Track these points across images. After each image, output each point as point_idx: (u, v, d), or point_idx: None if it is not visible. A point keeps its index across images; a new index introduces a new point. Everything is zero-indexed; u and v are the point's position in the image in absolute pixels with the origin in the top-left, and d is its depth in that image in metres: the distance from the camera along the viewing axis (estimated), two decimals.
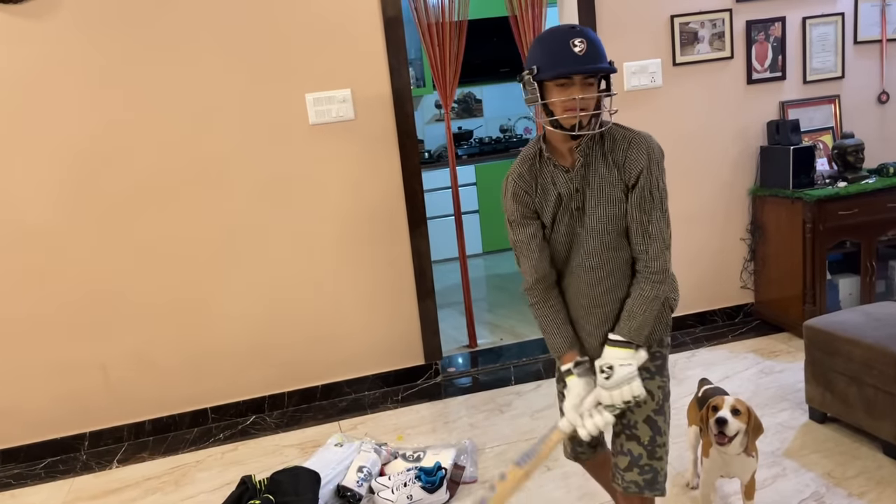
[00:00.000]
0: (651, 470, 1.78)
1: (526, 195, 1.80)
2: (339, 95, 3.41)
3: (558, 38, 1.66)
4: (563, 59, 1.64)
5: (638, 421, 1.79)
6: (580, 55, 1.64)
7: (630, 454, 1.79)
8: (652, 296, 1.73)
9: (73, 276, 3.28)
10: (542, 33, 1.73)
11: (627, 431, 1.80)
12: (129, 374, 3.40)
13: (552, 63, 1.65)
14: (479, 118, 7.02)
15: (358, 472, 2.71)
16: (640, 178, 1.70)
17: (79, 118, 3.18)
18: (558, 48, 1.65)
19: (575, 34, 1.65)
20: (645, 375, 1.80)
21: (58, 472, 3.23)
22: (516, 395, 3.49)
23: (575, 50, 1.64)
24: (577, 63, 1.63)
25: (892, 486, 2.45)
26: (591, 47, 1.65)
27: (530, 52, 1.73)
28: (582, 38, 1.65)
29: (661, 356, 1.85)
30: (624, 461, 1.81)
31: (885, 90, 4.05)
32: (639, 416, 1.79)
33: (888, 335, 2.59)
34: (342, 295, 3.58)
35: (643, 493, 1.78)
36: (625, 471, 1.80)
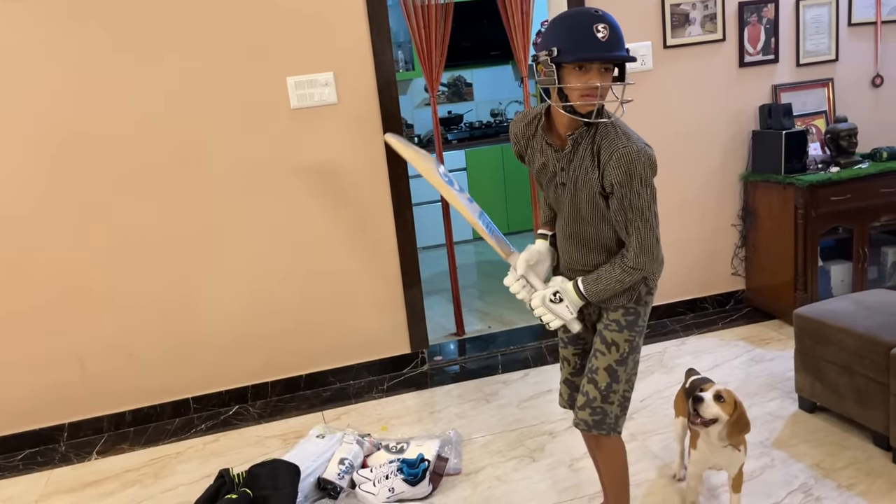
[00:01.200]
0: (602, 412, 1.92)
1: (517, 147, 1.98)
2: (322, 79, 3.32)
3: (582, 21, 1.65)
4: (586, 43, 1.64)
5: (599, 368, 1.92)
6: (603, 41, 1.64)
7: (586, 395, 1.93)
8: (618, 278, 1.82)
9: (51, 266, 3.20)
10: (563, 15, 1.71)
11: (589, 375, 1.94)
12: (108, 364, 3.34)
13: (575, 46, 1.64)
14: (470, 102, 6.93)
15: (339, 464, 2.66)
16: (615, 191, 1.73)
17: (55, 106, 3.09)
18: (582, 33, 1.64)
19: (598, 19, 1.65)
20: (614, 328, 1.91)
21: (36, 463, 3.17)
22: (503, 384, 3.44)
23: (598, 35, 1.64)
24: (601, 49, 1.64)
25: (882, 477, 2.41)
26: (613, 34, 1.66)
27: (549, 32, 1.70)
28: (605, 24, 1.65)
29: (635, 312, 1.92)
30: (581, 400, 1.95)
31: (879, 73, 3.98)
32: (601, 363, 1.92)
33: (880, 324, 2.54)
34: (327, 283, 3.52)
35: (591, 430, 1.93)
36: (579, 409, 1.95)
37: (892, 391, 2.41)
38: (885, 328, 2.50)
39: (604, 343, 1.92)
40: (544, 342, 3.88)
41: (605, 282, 1.84)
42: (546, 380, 3.44)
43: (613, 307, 1.91)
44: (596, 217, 1.83)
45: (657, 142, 3.75)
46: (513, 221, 6.51)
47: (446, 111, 6.80)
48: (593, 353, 1.94)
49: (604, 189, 1.76)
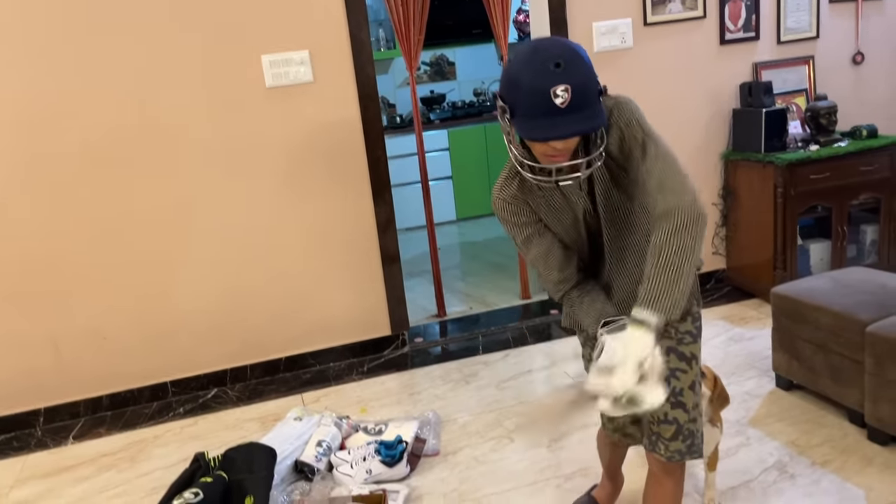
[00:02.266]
0: (690, 434, 1.70)
1: (526, 213, 1.65)
2: (297, 57, 3.26)
3: (537, 79, 1.36)
4: (540, 114, 1.37)
5: (684, 388, 1.68)
6: (562, 108, 1.36)
7: (676, 422, 1.68)
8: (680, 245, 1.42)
9: (22, 250, 3.15)
10: (519, 60, 1.41)
11: (673, 399, 1.68)
12: (84, 348, 3.30)
13: (527, 116, 1.39)
14: (452, 81, 6.87)
15: (317, 446, 2.65)
16: (624, 144, 1.53)
17: (23, 84, 3.02)
18: (536, 96, 1.37)
19: (557, 78, 1.35)
20: (689, 340, 1.69)
21: (11, 448, 3.14)
22: (483, 365, 3.43)
23: (556, 102, 1.36)
24: (556, 125, 1.37)
25: (856, 454, 2.42)
26: (578, 95, 1.37)
27: (506, 77, 1.44)
28: (566, 86, 1.35)
29: (699, 316, 1.74)
30: (669, 430, 1.68)
31: (859, 50, 3.96)
32: (685, 382, 1.68)
33: (856, 302, 2.54)
34: (304, 264, 3.48)
35: (684, 458, 1.69)
36: (670, 440, 1.68)
37: (867, 369, 2.42)
38: (860, 306, 2.51)
39: (683, 359, 1.69)
40: (525, 322, 3.88)
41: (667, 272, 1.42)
42: (526, 360, 3.43)
43: (681, 317, 1.69)
44: (631, 208, 1.62)
45: None
46: None
47: (429, 90, 6.74)
48: (671, 374, 1.68)
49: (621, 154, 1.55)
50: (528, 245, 1.67)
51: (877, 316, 2.44)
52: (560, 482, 2.44)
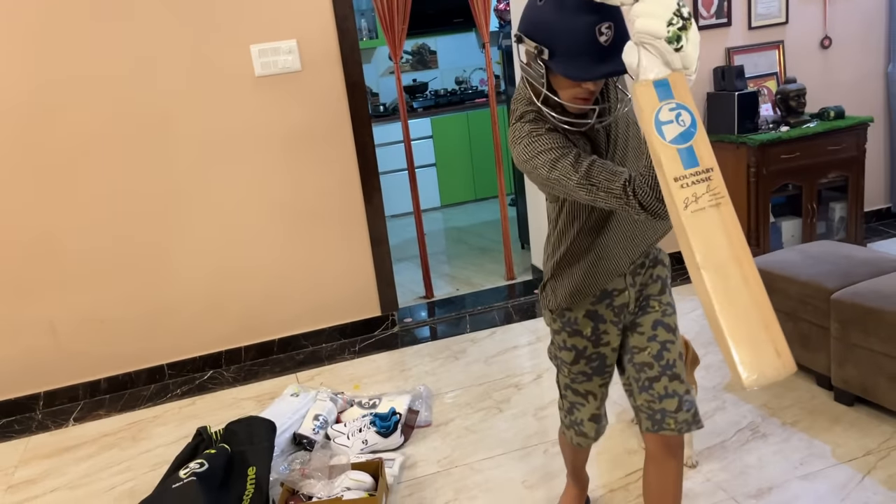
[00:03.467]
0: (692, 404, 1.67)
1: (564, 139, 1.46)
2: (285, 46, 3.35)
3: (579, 17, 1.30)
4: (584, 51, 1.32)
5: (675, 359, 1.66)
6: (606, 46, 1.31)
7: (676, 394, 1.65)
8: None
9: (19, 235, 3.22)
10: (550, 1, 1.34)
11: (669, 371, 1.65)
12: (81, 332, 3.38)
13: (570, 55, 1.33)
14: (434, 70, 6.96)
15: (314, 420, 2.76)
16: None
17: (17, 72, 3.08)
18: (581, 35, 1.31)
19: (604, 15, 1.29)
20: (670, 311, 1.70)
21: (13, 431, 3.22)
22: (471, 343, 3.56)
23: (601, 39, 1.31)
24: (603, 63, 1.32)
25: (823, 414, 2.58)
26: (620, 32, 1.32)
27: (534, 14, 1.37)
28: (609, 23, 1.30)
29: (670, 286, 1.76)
30: (673, 403, 1.65)
31: (827, 35, 4.12)
32: (674, 353, 1.66)
33: (822, 272, 2.69)
34: (296, 248, 3.58)
35: (691, 428, 1.66)
36: (676, 412, 1.65)
37: (833, 334, 2.57)
38: (826, 276, 2.66)
39: (670, 331, 1.68)
40: (511, 302, 4.01)
41: None
42: (512, 337, 3.56)
43: (659, 290, 1.69)
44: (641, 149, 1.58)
45: None
46: (479, 188, 6.61)
47: (411, 79, 6.83)
48: (662, 347, 1.66)
49: None
50: (577, 164, 1.39)
51: (841, 284, 2.59)
52: (547, 447, 2.57)
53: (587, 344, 1.73)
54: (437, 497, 2.37)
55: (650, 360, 1.67)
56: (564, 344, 1.76)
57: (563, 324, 1.74)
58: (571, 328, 1.73)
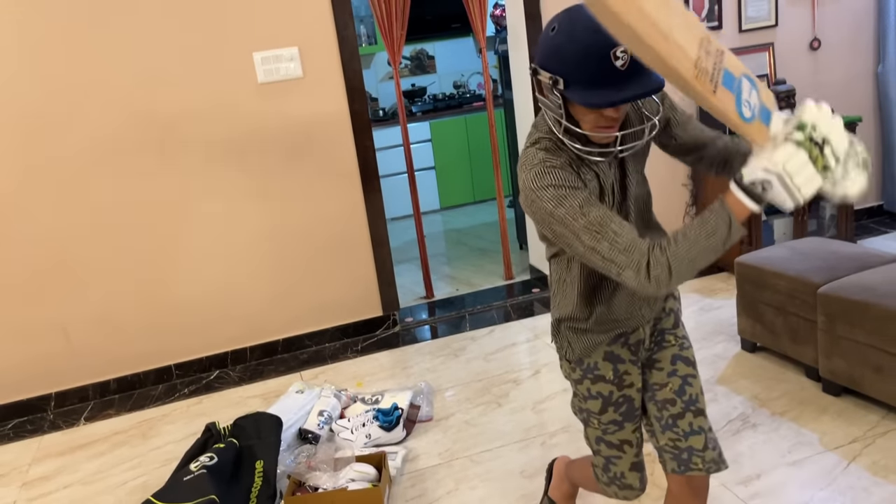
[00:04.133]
0: (716, 441, 1.60)
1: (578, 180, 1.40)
2: (287, 54, 3.45)
3: (596, 44, 1.27)
4: (602, 78, 1.28)
5: (698, 394, 1.60)
6: (623, 70, 1.28)
7: (702, 431, 1.58)
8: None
9: (31, 241, 3.31)
10: (563, 30, 1.31)
11: (693, 408, 1.58)
12: (90, 334, 3.47)
13: (587, 81, 1.30)
14: (433, 74, 7.06)
15: (319, 415, 2.85)
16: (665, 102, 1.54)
17: (27, 84, 3.18)
18: (595, 62, 1.28)
19: (614, 40, 1.22)
20: (687, 344, 1.65)
21: (26, 431, 3.31)
22: (471, 341, 3.65)
23: (617, 64, 1.27)
24: (622, 89, 1.28)
25: (812, 404, 2.66)
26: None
27: (552, 46, 1.33)
28: (625, 47, 1.23)
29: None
30: (700, 441, 1.57)
31: (816, 37, 4.21)
32: (697, 387, 1.61)
33: (809, 267, 2.78)
34: (299, 251, 3.68)
35: (720, 468, 1.58)
36: (703, 451, 1.56)
37: (820, 327, 2.66)
38: (813, 271, 2.75)
39: (689, 364, 1.63)
40: (510, 301, 4.09)
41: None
42: (510, 335, 3.65)
43: (673, 324, 1.66)
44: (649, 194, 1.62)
45: None
46: (478, 190, 6.70)
47: (410, 84, 6.92)
48: (684, 382, 1.60)
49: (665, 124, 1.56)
50: (587, 207, 1.35)
51: (827, 279, 2.68)
52: (545, 439, 2.65)
53: (612, 388, 1.63)
54: (439, 487, 2.46)
55: (672, 396, 1.59)
56: (589, 393, 1.66)
57: (583, 372, 1.65)
58: (593, 374, 1.64)
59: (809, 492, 2.20)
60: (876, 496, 2.14)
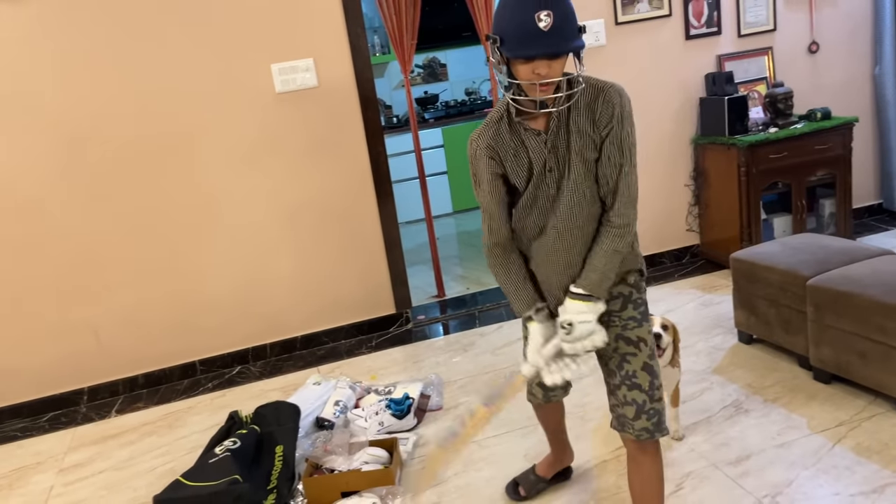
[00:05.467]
0: (655, 413, 1.83)
1: (493, 161, 1.77)
2: (303, 65, 3.64)
3: (524, 8, 1.56)
4: (526, 35, 1.56)
5: (637, 370, 1.83)
6: (545, 31, 1.55)
7: (635, 403, 1.83)
8: (612, 249, 1.73)
9: (64, 244, 3.53)
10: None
11: (628, 381, 1.83)
12: (120, 332, 3.67)
13: (515, 38, 1.58)
14: (445, 82, 7.24)
15: (335, 405, 3.02)
16: (611, 131, 1.69)
17: (63, 97, 3.39)
18: (522, 21, 1.56)
19: (541, 4, 1.54)
20: (633, 325, 1.84)
21: (60, 423, 3.52)
22: (480, 336, 3.81)
23: (540, 25, 1.54)
24: (542, 45, 1.56)
25: (803, 391, 2.80)
26: (559, 20, 1.56)
27: (497, 14, 1.63)
28: (549, 11, 1.54)
29: (643, 301, 1.89)
30: (631, 411, 1.83)
31: (814, 40, 4.33)
32: (636, 364, 1.83)
33: (799, 261, 2.92)
34: (315, 253, 3.86)
35: (653, 436, 1.83)
36: (634, 420, 1.83)
37: (809, 317, 2.79)
38: (803, 264, 2.88)
39: (631, 344, 1.84)
40: None
41: (599, 263, 1.73)
42: (518, 330, 3.75)
43: (620, 307, 1.86)
44: (591, 190, 1.75)
45: None
46: None
47: (422, 91, 7.11)
48: (622, 360, 1.84)
49: (600, 139, 1.70)
50: (481, 189, 1.81)
51: (816, 272, 2.82)
52: None
53: None
54: (447, 469, 2.61)
55: (613, 369, 1.87)
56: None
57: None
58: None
59: (795, 471, 2.33)
60: (858, 474, 2.27)
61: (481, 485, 2.50)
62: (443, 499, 2.46)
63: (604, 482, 2.42)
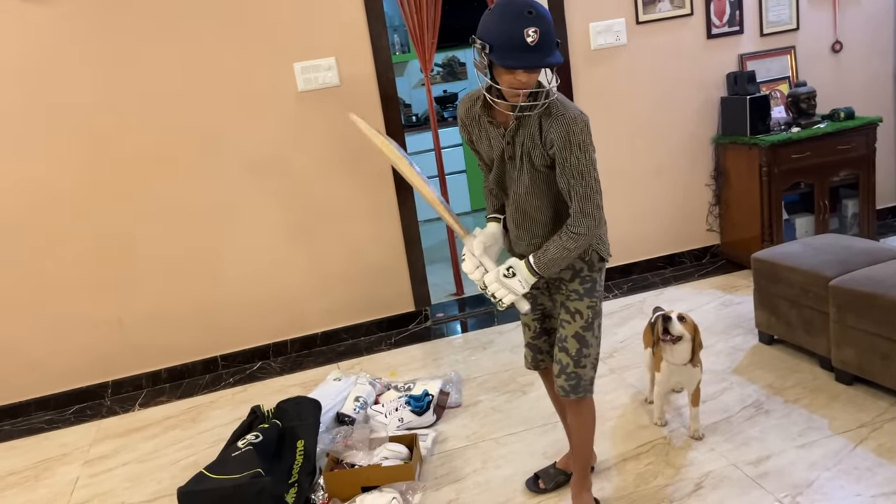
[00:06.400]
0: (576, 377, 2.09)
1: (465, 130, 2.09)
2: (325, 63, 3.67)
3: (513, 22, 1.73)
4: (514, 47, 1.74)
5: (568, 336, 2.07)
6: (532, 45, 1.74)
7: (560, 363, 2.11)
8: (565, 245, 1.92)
9: (90, 239, 3.59)
10: (496, 11, 1.78)
11: (560, 344, 2.10)
12: (144, 327, 3.73)
13: (504, 49, 1.75)
14: (464, 81, 7.25)
15: (355, 401, 3.05)
16: (557, 157, 1.87)
17: (92, 94, 3.45)
18: (511, 35, 1.73)
19: (530, 21, 1.72)
20: (574, 297, 2.06)
21: (85, 416, 3.58)
22: (498, 334, 3.82)
23: (528, 40, 1.73)
24: (529, 58, 1.75)
25: (824, 392, 2.78)
26: (544, 37, 1.75)
27: (484, 21, 1.80)
28: (536, 28, 1.73)
29: (591, 279, 2.07)
30: (556, 368, 2.13)
31: (838, 39, 4.30)
32: (569, 331, 2.07)
33: (822, 261, 2.90)
34: (336, 250, 3.89)
35: (569, 396, 2.11)
36: (556, 377, 2.13)
37: (832, 318, 2.78)
38: (825, 265, 2.87)
39: (568, 313, 2.06)
40: None
41: (552, 252, 1.93)
42: None
43: (570, 277, 2.06)
44: (543, 190, 1.97)
45: (634, 110, 4.10)
46: None
47: (442, 90, 7.13)
48: (560, 324, 2.09)
49: (549, 158, 1.90)
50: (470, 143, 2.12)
51: (839, 272, 2.80)
52: None
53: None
54: (466, 466, 2.63)
55: (555, 329, 2.18)
56: None
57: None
58: None
59: (816, 472, 2.33)
60: (880, 476, 2.26)
61: (500, 482, 2.52)
62: (461, 495, 2.48)
63: (623, 479, 2.42)
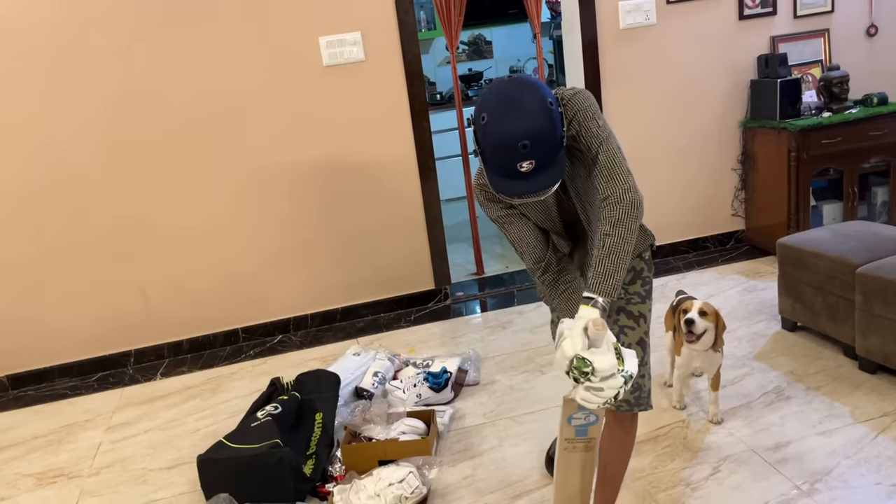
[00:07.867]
0: (638, 388, 1.86)
1: (496, 201, 1.79)
2: (351, 38, 3.65)
3: (505, 149, 1.50)
4: (506, 173, 1.54)
5: (632, 343, 1.84)
6: (527, 174, 1.53)
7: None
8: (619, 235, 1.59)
9: (113, 210, 3.62)
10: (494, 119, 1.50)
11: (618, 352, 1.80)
12: (166, 297, 3.77)
13: (495, 171, 1.55)
14: (490, 59, 7.19)
15: (373, 376, 3.07)
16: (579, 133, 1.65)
17: (115, 67, 3.47)
18: (504, 160, 1.52)
19: (523, 155, 1.49)
20: (637, 300, 1.86)
21: (108, 384, 3.64)
22: (518, 314, 3.82)
23: (521, 170, 1.52)
24: (521, 186, 1.54)
25: (847, 380, 2.75)
26: (541, 162, 1.51)
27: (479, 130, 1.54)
28: (531, 160, 1.50)
29: (650, 280, 1.91)
30: None
31: (873, 23, 4.20)
32: (632, 338, 1.85)
33: (849, 248, 2.85)
34: (356, 226, 3.90)
35: (633, 409, 1.86)
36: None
37: (858, 306, 2.74)
38: (852, 252, 2.82)
39: (631, 318, 1.85)
40: None
41: (606, 262, 1.58)
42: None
43: (630, 280, 1.87)
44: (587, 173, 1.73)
45: (661, 91, 4.04)
46: None
47: (467, 69, 7.07)
48: (620, 331, 1.84)
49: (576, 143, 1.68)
50: (502, 224, 1.81)
51: (866, 259, 2.76)
52: None
53: None
54: (483, 443, 2.64)
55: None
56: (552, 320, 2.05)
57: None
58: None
59: (836, 459, 2.31)
60: None
61: (516, 459, 2.52)
62: (477, 471, 2.49)
63: (640, 461, 2.42)
